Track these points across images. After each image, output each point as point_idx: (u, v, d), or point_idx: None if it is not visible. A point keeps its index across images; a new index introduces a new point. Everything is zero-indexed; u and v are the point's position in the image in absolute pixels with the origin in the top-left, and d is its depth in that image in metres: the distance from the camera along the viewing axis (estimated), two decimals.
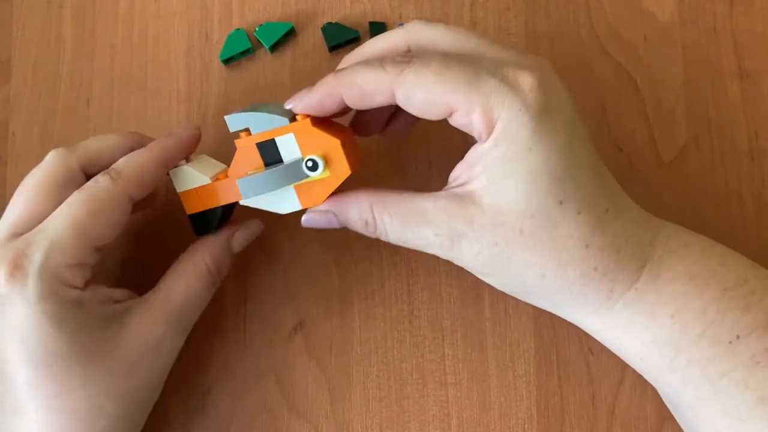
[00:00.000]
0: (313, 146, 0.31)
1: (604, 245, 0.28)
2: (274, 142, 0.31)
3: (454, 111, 0.27)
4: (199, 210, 0.34)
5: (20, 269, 0.28)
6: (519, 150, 0.27)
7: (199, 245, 0.34)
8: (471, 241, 0.28)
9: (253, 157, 0.31)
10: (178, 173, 0.33)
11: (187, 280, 0.33)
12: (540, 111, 0.27)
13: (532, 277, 0.29)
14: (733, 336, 0.28)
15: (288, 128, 0.31)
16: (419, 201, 0.29)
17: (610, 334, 0.31)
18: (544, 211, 0.27)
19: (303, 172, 0.31)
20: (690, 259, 0.29)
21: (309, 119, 0.30)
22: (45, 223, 0.29)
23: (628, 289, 0.29)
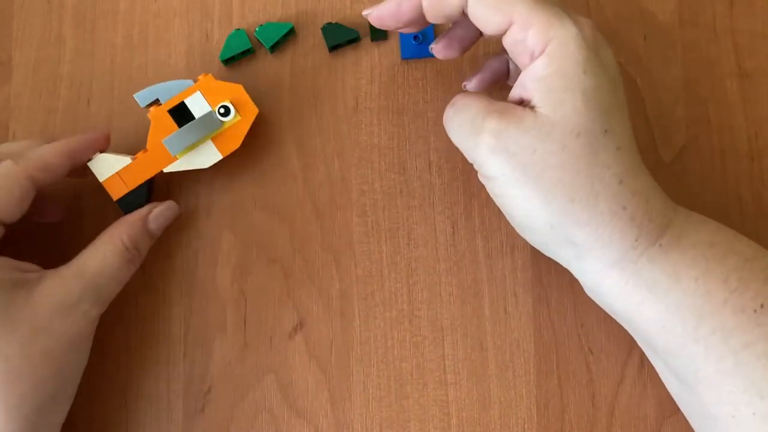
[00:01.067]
0: (220, 96, 0.35)
1: (636, 188, 0.29)
2: (183, 104, 0.35)
3: (513, 23, 0.29)
4: (126, 192, 0.36)
5: None
6: (574, 69, 0.28)
7: (116, 223, 0.35)
8: (512, 140, 0.29)
9: (167, 123, 0.35)
10: (97, 163, 0.35)
11: (103, 251, 0.33)
12: (594, 44, 0.29)
13: (560, 199, 0.28)
14: (757, 305, 0.28)
15: (194, 88, 0.35)
16: (490, 101, 0.30)
17: (632, 297, 0.29)
18: (590, 134, 0.28)
19: (218, 119, 0.35)
20: (709, 229, 0.30)
21: (210, 75, 0.35)
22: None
23: (653, 244, 0.29)
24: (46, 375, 0.31)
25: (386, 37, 0.39)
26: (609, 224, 0.29)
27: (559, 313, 0.36)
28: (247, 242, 0.38)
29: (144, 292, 0.37)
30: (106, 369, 0.37)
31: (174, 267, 0.38)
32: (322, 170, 0.38)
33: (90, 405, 0.37)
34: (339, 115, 0.38)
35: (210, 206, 0.38)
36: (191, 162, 0.36)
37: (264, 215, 0.38)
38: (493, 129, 0.29)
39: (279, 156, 0.38)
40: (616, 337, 0.36)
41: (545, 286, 0.37)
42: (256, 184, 0.38)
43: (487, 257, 0.37)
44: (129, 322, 0.37)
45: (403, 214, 0.37)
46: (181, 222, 0.38)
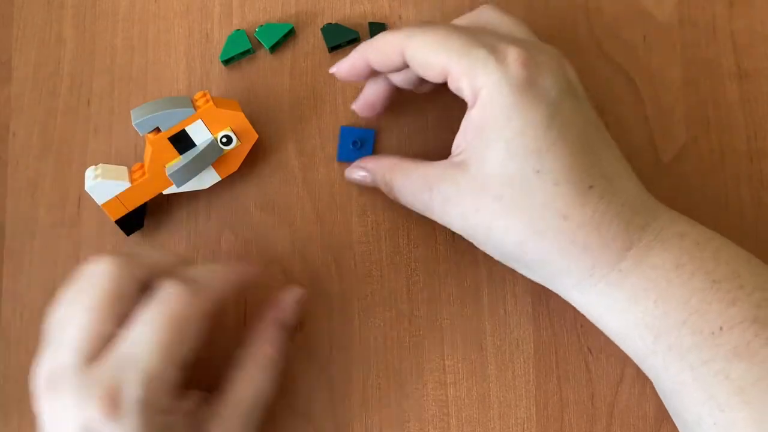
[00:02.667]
0: (221, 124, 0.35)
1: (584, 220, 0.29)
2: (184, 132, 0.34)
3: (448, 74, 0.30)
4: (126, 213, 0.36)
5: (116, 405, 0.26)
6: (499, 119, 0.29)
7: (253, 340, 0.33)
8: (457, 205, 0.30)
9: (167, 150, 0.35)
10: (96, 188, 0.35)
11: (252, 378, 0.32)
12: (520, 83, 0.28)
13: (512, 244, 0.30)
14: (716, 327, 0.28)
15: (195, 116, 0.34)
16: (425, 167, 0.32)
17: (594, 312, 0.31)
18: (522, 179, 0.29)
19: (220, 148, 0.35)
20: (681, 248, 0.30)
21: (211, 102, 0.34)
22: (127, 347, 0.27)
23: (611, 269, 0.30)
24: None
25: None
26: (561, 259, 0.30)
27: (559, 313, 0.36)
28: (247, 242, 0.38)
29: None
30: None
31: None
32: (322, 170, 0.38)
33: None
34: (339, 115, 0.38)
35: (210, 206, 0.38)
36: (191, 185, 0.36)
37: (264, 215, 0.38)
38: (439, 202, 0.31)
39: (279, 156, 0.38)
40: None
41: (544, 287, 0.37)
42: (256, 184, 0.38)
43: (487, 257, 0.37)
44: None
45: (403, 214, 0.38)
46: (181, 222, 0.38)
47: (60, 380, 0.27)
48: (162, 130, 0.34)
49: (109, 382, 0.26)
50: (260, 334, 0.34)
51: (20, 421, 0.37)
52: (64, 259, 0.38)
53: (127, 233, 0.37)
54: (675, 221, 0.31)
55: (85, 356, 0.27)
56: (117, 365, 0.27)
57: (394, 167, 0.33)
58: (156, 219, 0.38)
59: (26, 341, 0.37)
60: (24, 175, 0.39)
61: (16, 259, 0.38)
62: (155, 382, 0.27)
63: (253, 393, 0.32)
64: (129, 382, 0.26)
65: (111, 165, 0.36)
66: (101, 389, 0.26)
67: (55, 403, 0.27)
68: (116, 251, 0.32)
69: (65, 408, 0.26)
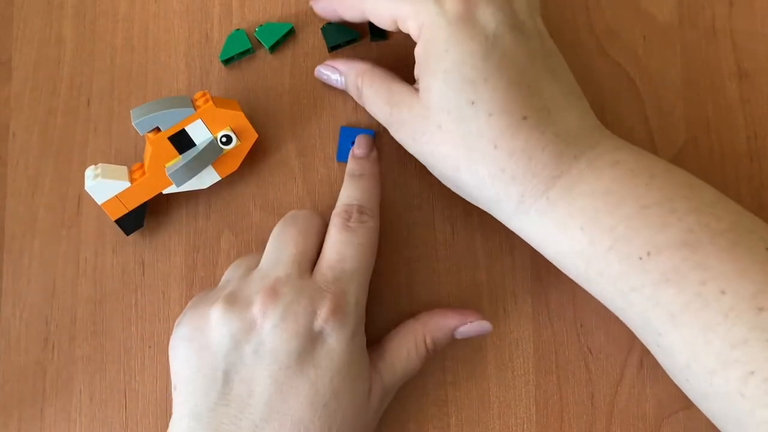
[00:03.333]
0: (220, 124, 0.35)
1: (514, 149, 0.30)
2: (184, 131, 0.34)
3: (398, 19, 0.31)
4: (125, 212, 0.36)
5: (341, 308, 0.31)
6: (437, 51, 0.30)
7: (425, 324, 0.34)
8: (408, 129, 0.32)
9: (167, 149, 0.35)
10: (95, 187, 0.35)
11: (407, 350, 0.34)
12: (457, 16, 0.30)
13: (450, 169, 0.31)
14: (643, 253, 0.28)
15: (195, 116, 0.34)
16: (392, 82, 0.33)
17: (532, 239, 0.32)
18: (458, 109, 0.30)
19: (219, 147, 0.35)
20: (612, 176, 0.30)
21: (211, 101, 0.34)
22: (340, 264, 0.32)
23: (539, 197, 0.30)
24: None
25: (386, 37, 0.39)
26: (492, 186, 0.31)
27: (558, 313, 0.36)
28: (247, 242, 0.38)
29: (144, 292, 0.38)
30: (106, 369, 0.37)
31: (174, 267, 0.38)
32: (321, 170, 0.38)
33: (90, 405, 0.37)
34: (339, 115, 0.38)
35: (210, 206, 0.38)
36: (190, 184, 0.36)
37: (264, 215, 0.38)
38: (396, 120, 0.33)
39: (279, 156, 0.38)
40: (615, 337, 0.36)
41: (544, 286, 0.37)
42: (256, 184, 0.38)
43: (487, 257, 0.37)
44: (129, 322, 0.37)
45: (403, 214, 0.38)
46: (181, 222, 0.38)
47: (285, 288, 0.31)
48: (162, 129, 0.34)
49: (336, 289, 0.31)
50: (433, 324, 0.34)
51: (20, 422, 0.37)
52: (64, 259, 0.38)
53: (127, 233, 0.37)
54: (615, 150, 0.31)
55: (300, 269, 0.32)
56: (340, 276, 0.31)
57: (365, 74, 0.35)
58: (156, 219, 0.38)
59: (26, 341, 0.37)
60: (24, 175, 0.39)
61: (16, 259, 0.38)
62: (362, 290, 0.32)
63: (403, 367, 0.33)
64: (350, 289, 0.31)
65: (111, 164, 0.36)
66: (330, 295, 0.31)
67: (278, 308, 0.30)
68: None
69: (292, 312, 0.30)
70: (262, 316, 0.30)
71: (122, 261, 0.38)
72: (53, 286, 0.38)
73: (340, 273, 0.32)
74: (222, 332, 0.30)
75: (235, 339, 0.30)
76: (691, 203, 0.29)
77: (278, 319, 0.30)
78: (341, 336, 0.30)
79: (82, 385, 0.37)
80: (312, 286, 0.31)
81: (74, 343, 0.37)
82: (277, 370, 0.30)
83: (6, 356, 0.37)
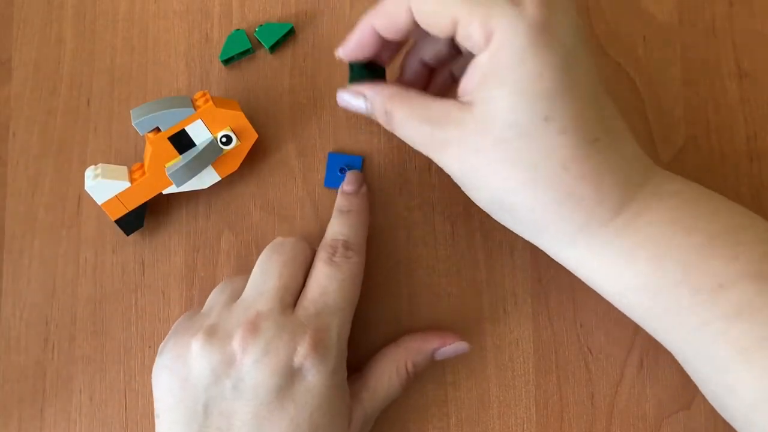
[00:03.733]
0: (220, 124, 0.35)
1: (585, 173, 0.28)
2: (184, 131, 0.34)
3: (458, 22, 0.28)
4: (125, 212, 0.36)
5: (322, 344, 0.30)
6: (512, 60, 0.27)
7: (406, 349, 0.35)
8: (458, 145, 0.29)
9: (167, 149, 0.35)
10: (95, 187, 0.35)
11: (389, 376, 0.34)
12: (538, 24, 0.27)
13: (507, 192, 0.29)
14: (714, 285, 0.27)
15: (195, 116, 0.34)
16: (428, 101, 0.30)
17: (587, 272, 0.30)
18: (528, 125, 0.27)
19: (219, 147, 0.35)
20: (677, 206, 0.29)
21: (211, 101, 0.34)
22: (323, 298, 0.31)
23: (605, 225, 0.29)
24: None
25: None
26: (556, 211, 0.28)
27: (558, 313, 0.36)
28: (247, 242, 0.38)
29: (144, 292, 0.38)
30: (106, 369, 0.37)
31: (174, 267, 0.38)
32: (321, 170, 0.38)
33: (90, 405, 0.37)
34: (339, 115, 0.38)
35: (210, 206, 0.38)
36: (190, 184, 0.36)
37: (264, 215, 0.38)
38: (439, 140, 0.29)
39: (279, 156, 0.38)
40: (615, 337, 0.36)
41: (544, 286, 0.37)
42: (256, 184, 0.38)
43: (487, 257, 0.37)
44: (129, 322, 0.37)
45: (403, 214, 0.38)
46: (181, 222, 0.38)
47: (266, 323, 0.30)
48: (162, 129, 0.34)
49: (319, 326, 0.30)
50: (414, 348, 0.35)
51: (20, 422, 0.37)
52: (64, 259, 0.38)
53: (126, 233, 0.37)
54: (672, 179, 0.30)
55: (284, 304, 0.31)
56: (322, 311, 0.31)
57: (395, 96, 0.31)
58: (156, 219, 0.38)
59: (26, 341, 0.37)
60: (24, 175, 0.39)
61: (16, 259, 0.38)
62: (345, 326, 0.32)
63: (385, 392, 0.33)
64: (332, 324, 0.31)
65: (111, 165, 0.36)
66: (312, 330, 0.30)
67: (259, 344, 0.30)
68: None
69: (273, 348, 0.30)
70: (242, 352, 0.29)
71: (122, 261, 0.38)
72: (53, 286, 0.38)
73: (322, 307, 0.31)
74: (202, 365, 0.30)
75: (215, 373, 0.30)
76: (756, 234, 0.28)
77: (259, 354, 0.29)
78: (321, 372, 0.30)
79: (82, 385, 0.37)
80: (294, 321, 0.30)
81: (74, 343, 0.37)
82: (257, 405, 0.29)
83: (6, 356, 0.37)
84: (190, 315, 0.34)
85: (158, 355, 0.32)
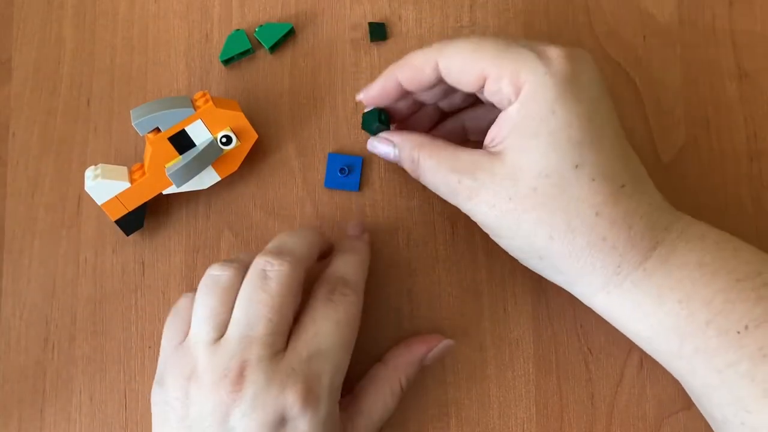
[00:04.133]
0: (220, 124, 0.35)
1: (616, 217, 0.29)
2: (184, 132, 0.34)
3: (487, 77, 0.30)
4: (125, 213, 0.36)
5: (313, 393, 0.29)
6: (542, 111, 0.29)
7: (396, 368, 0.34)
8: (489, 193, 0.30)
9: (167, 149, 0.35)
10: (95, 188, 0.35)
11: (384, 397, 0.33)
12: (565, 77, 0.28)
13: (541, 238, 0.30)
14: (741, 326, 0.28)
15: (195, 116, 0.34)
16: (456, 151, 0.31)
17: (619, 315, 0.31)
18: (559, 173, 0.29)
19: (219, 148, 0.35)
20: (703, 249, 0.30)
21: (211, 102, 0.34)
22: (318, 342, 0.30)
23: (636, 268, 0.30)
24: None
25: (385, 37, 0.39)
26: (589, 256, 0.30)
27: (559, 313, 0.36)
28: (246, 242, 0.38)
29: (144, 292, 0.38)
30: (106, 369, 0.37)
31: (174, 267, 0.38)
32: (321, 170, 0.38)
33: (90, 405, 0.37)
34: (339, 115, 0.38)
35: (210, 206, 0.38)
36: (190, 184, 0.36)
37: (264, 215, 0.38)
38: (468, 187, 0.30)
39: (279, 156, 0.38)
40: (615, 337, 0.36)
41: (544, 286, 0.37)
42: (256, 184, 0.38)
43: (487, 257, 0.37)
44: (129, 322, 0.37)
45: (403, 214, 0.38)
46: (181, 222, 0.38)
47: (254, 375, 0.28)
48: (162, 130, 0.34)
49: (309, 371, 0.29)
50: (402, 364, 0.34)
51: (20, 422, 0.37)
52: (64, 259, 0.38)
53: (126, 233, 0.37)
54: (693, 223, 0.31)
55: (277, 349, 0.29)
56: (315, 355, 0.29)
57: (423, 145, 0.32)
58: (156, 219, 0.38)
59: (26, 341, 0.37)
60: (24, 175, 0.39)
61: (16, 259, 0.38)
62: (339, 373, 0.30)
63: (381, 415, 0.33)
64: (324, 372, 0.29)
65: (111, 165, 0.36)
66: (302, 378, 0.29)
67: (246, 399, 0.28)
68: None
69: (261, 401, 0.28)
70: (231, 403, 0.28)
71: (122, 261, 0.38)
72: (53, 286, 0.38)
73: (315, 351, 0.29)
74: (197, 410, 0.29)
75: (209, 418, 0.29)
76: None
77: (247, 407, 0.28)
78: (312, 422, 0.29)
79: (82, 385, 0.37)
80: (284, 368, 0.29)
81: (74, 343, 0.37)
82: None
83: (6, 356, 0.37)
84: (179, 321, 0.32)
85: (158, 385, 0.31)
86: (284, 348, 0.30)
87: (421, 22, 0.39)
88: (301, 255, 0.32)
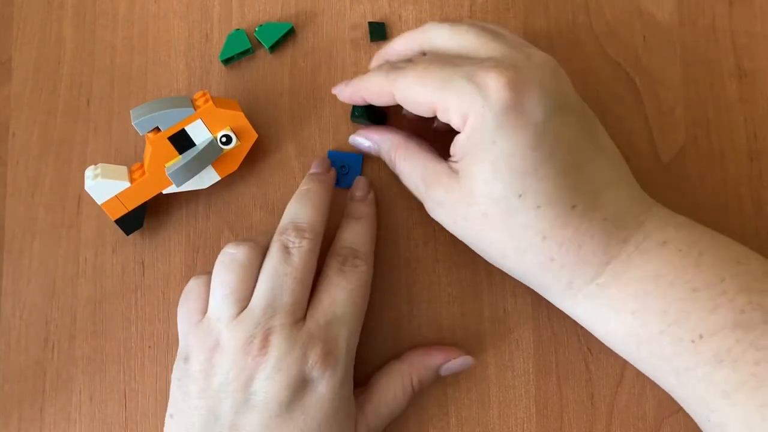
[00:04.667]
0: (220, 124, 0.35)
1: (563, 239, 0.30)
2: (184, 131, 0.34)
3: (436, 110, 0.31)
4: (125, 212, 0.36)
5: (332, 355, 0.31)
6: (485, 142, 0.29)
7: (411, 365, 0.35)
8: (448, 210, 0.32)
9: (167, 149, 0.35)
10: (95, 187, 0.35)
11: (394, 391, 0.34)
12: (504, 107, 0.29)
13: (496, 255, 0.31)
14: (695, 336, 0.29)
15: (195, 116, 0.34)
16: (426, 158, 0.33)
17: (582, 319, 0.32)
18: (505, 201, 0.30)
19: (219, 147, 0.35)
20: (660, 259, 0.30)
21: (211, 101, 0.34)
22: (332, 308, 0.32)
23: (588, 283, 0.30)
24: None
25: (385, 37, 0.39)
26: (540, 274, 0.31)
27: (559, 313, 0.36)
28: None
29: (144, 292, 0.38)
30: (106, 369, 0.37)
31: (174, 267, 0.38)
32: None
33: (90, 405, 0.37)
34: (339, 115, 0.38)
35: (210, 206, 0.38)
36: (190, 184, 0.36)
37: (264, 215, 0.38)
38: (431, 199, 0.32)
39: (279, 156, 0.38)
40: None
41: None
42: (256, 184, 0.38)
43: None
44: (129, 322, 0.37)
45: (402, 214, 0.38)
46: (181, 222, 0.38)
47: (278, 339, 0.30)
48: (162, 129, 0.34)
49: (327, 335, 0.31)
50: (419, 363, 0.35)
51: (20, 422, 0.37)
52: (64, 259, 0.38)
53: (126, 233, 0.37)
54: (662, 227, 0.31)
55: (297, 318, 0.31)
56: (332, 321, 0.32)
57: (399, 146, 0.34)
58: (156, 219, 0.38)
59: (26, 341, 0.37)
60: (24, 175, 0.39)
61: (16, 259, 0.38)
62: (354, 337, 0.32)
63: (390, 408, 0.34)
64: (341, 335, 0.31)
65: (111, 164, 0.36)
66: (322, 340, 0.31)
67: (270, 361, 0.30)
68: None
69: (284, 363, 0.30)
70: (256, 367, 0.30)
71: (122, 261, 0.38)
72: (53, 286, 0.38)
73: (332, 318, 0.32)
74: (220, 380, 0.31)
75: (232, 386, 0.30)
76: (741, 282, 0.29)
77: (271, 370, 0.30)
78: (331, 382, 0.31)
79: (82, 385, 0.37)
80: (305, 334, 0.31)
81: (74, 343, 0.37)
82: (267, 417, 0.30)
83: (6, 356, 0.37)
84: (196, 292, 0.33)
85: (182, 361, 0.32)
86: (303, 317, 0.32)
87: (421, 21, 0.39)
88: (319, 230, 0.34)
